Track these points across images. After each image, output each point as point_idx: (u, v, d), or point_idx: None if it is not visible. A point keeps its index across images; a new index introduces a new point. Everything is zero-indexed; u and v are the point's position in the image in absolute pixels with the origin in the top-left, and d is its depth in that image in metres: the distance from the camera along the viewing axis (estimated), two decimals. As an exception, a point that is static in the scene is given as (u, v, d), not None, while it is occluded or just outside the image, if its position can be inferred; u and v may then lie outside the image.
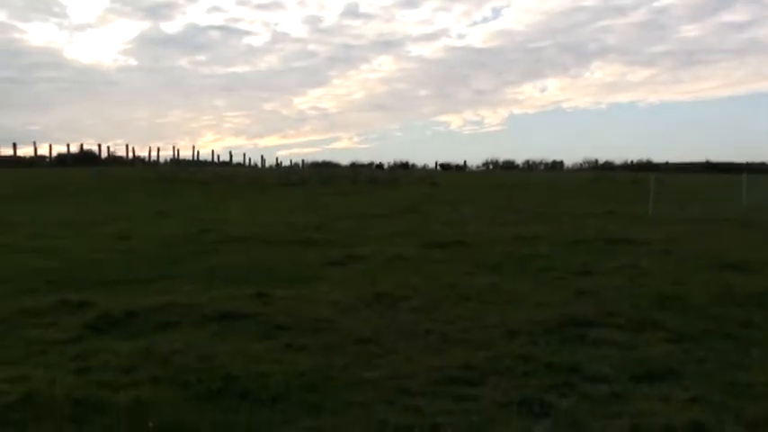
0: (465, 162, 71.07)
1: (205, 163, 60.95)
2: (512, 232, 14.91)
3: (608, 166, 71.08)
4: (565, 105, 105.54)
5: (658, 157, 79.21)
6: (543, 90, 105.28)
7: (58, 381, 5.11)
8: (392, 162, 69.44)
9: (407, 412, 4.72)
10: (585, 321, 6.88)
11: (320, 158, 70.38)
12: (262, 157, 73.67)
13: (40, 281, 9.65)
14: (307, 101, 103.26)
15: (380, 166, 69.04)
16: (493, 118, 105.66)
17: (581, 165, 74.22)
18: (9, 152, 46.46)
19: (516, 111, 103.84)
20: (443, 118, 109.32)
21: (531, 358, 5.72)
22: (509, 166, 75.77)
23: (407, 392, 5.11)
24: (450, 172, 64.21)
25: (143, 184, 33.28)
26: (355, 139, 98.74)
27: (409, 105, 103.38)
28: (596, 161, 74.52)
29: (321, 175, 41.08)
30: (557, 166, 76.26)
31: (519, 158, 76.65)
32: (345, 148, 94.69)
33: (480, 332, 6.71)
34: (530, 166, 76.94)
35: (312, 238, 14.60)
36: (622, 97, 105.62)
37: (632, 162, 71.13)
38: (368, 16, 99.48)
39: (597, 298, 8.09)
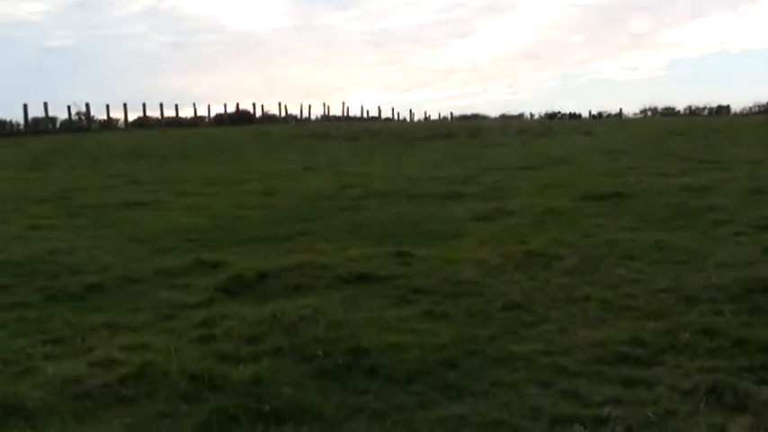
0: (621, 110, 67.29)
1: (354, 119, 61.37)
2: (678, 182, 13.47)
3: (781, 108, 65.32)
4: (731, 47, 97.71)
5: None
6: (707, 31, 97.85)
7: (177, 351, 4.72)
8: (543, 112, 67.04)
9: (565, 398, 3.95)
10: (781, 286, 5.76)
11: (469, 111, 69.14)
12: (410, 111, 73.28)
13: (182, 239, 9.52)
14: (455, 53, 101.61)
15: (531, 116, 66.92)
16: (651, 63, 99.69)
17: (750, 109, 68.74)
18: (172, 113, 48.52)
19: (677, 54, 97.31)
20: (597, 65, 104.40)
21: (717, 332, 4.73)
22: (669, 112, 71.33)
23: (564, 372, 4.33)
24: (605, 120, 61.11)
25: (294, 141, 33.67)
26: (505, 90, 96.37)
27: (561, 53, 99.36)
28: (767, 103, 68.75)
29: (470, 127, 40.04)
30: (722, 110, 71.01)
31: (680, 104, 71.83)
32: (495, 100, 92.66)
33: (649, 298, 5.76)
34: (692, 112, 72.06)
35: (458, 191, 13.85)
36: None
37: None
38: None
39: (792, 257, 6.86)
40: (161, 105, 46.74)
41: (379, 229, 9.93)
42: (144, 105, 45.86)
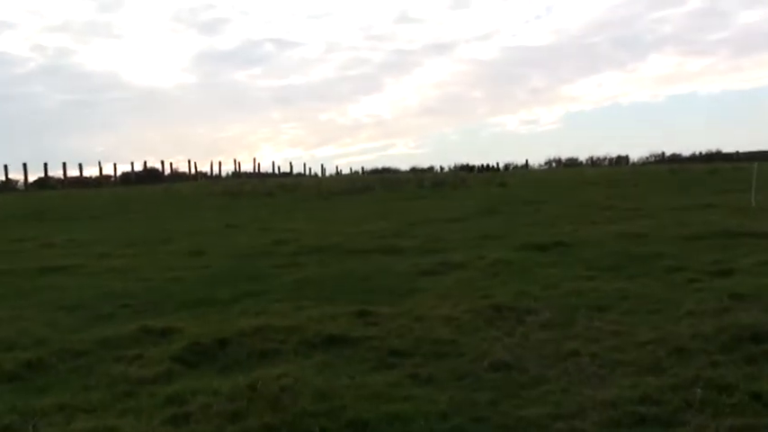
0: (527, 161, 69.24)
1: (266, 175, 60.82)
2: (613, 230, 13.65)
3: (676, 158, 68.61)
4: (622, 100, 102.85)
5: (726, 146, 76.40)
6: (600, 86, 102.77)
7: (153, 436, 4.20)
8: (452, 165, 68.12)
9: (597, 467, 3.66)
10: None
11: (378, 165, 69.65)
12: (322, 166, 73.31)
13: (117, 305, 8.86)
14: (362, 109, 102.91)
15: (441, 168, 67.85)
16: (549, 116, 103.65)
17: (647, 158, 71.93)
18: (76, 173, 46.79)
19: (572, 108, 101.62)
20: (498, 119, 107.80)
21: (730, 387, 4.57)
22: (572, 163, 73.85)
23: (586, 438, 4.05)
24: (514, 171, 62.64)
25: (207, 198, 32.89)
26: (411, 145, 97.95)
27: (464, 108, 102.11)
28: (663, 153, 72.25)
29: (384, 180, 40.18)
30: (621, 160, 74.03)
31: (581, 155, 74.64)
32: (402, 153, 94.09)
33: (639, 351, 5.59)
34: (593, 162, 74.84)
35: (395, 245, 13.60)
36: (681, 89, 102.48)
37: (701, 153, 68.69)
38: (419, 21, 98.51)
39: (763, 303, 6.85)
40: (63, 165, 45.23)
41: (328, 286, 9.53)
42: (45, 165, 44.15)
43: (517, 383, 5.02)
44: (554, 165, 73.88)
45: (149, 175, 49.53)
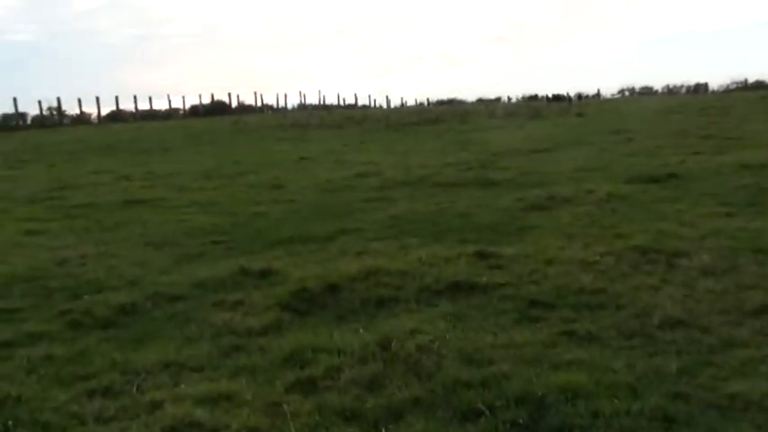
0: (599, 90, 66.54)
1: (331, 107, 59.91)
2: (727, 161, 12.43)
3: (762, 85, 65.02)
4: (697, 28, 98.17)
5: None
6: (672, 12, 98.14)
7: (274, 407, 3.49)
8: (520, 95, 66.01)
9: None
10: None
11: (443, 96, 68.07)
12: (387, 97, 72.01)
13: (205, 242, 8.25)
14: (425, 39, 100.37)
15: (509, 99, 65.80)
16: (619, 45, 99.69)
17: (728, 86, 68.42)
18: (146, 106, 46.69)
19: (643, 37, 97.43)
20: (566, 46, 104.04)
21: None
22: (647, 91, 70.91)
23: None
24: (586, 100, 60.28)
25: (276, 130, 32.29)
26: (476, 74, 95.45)
27: (529, 36, 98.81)
28: (746, 80, 68.56)
29: (453, 111, 38.97)
30: (700, 88, 70.68)
31: (656, 83, 71.61)
32: (467, 84, 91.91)
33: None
34: (670, 91, 71.69)
35: (488, 177, 12.69)
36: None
37: (790, 79, 64.88)
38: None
39: None
40: (134, 98, 45.01)
41: (427, 223, 8.74)
42: (117, 99, 44.00)
43: (703, 346, 4.15)
44: (627, 93, 71.15)
45: (217, 108, 49.12)
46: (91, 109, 42.54)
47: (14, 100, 39.33)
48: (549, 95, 63.72)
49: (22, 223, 9.69)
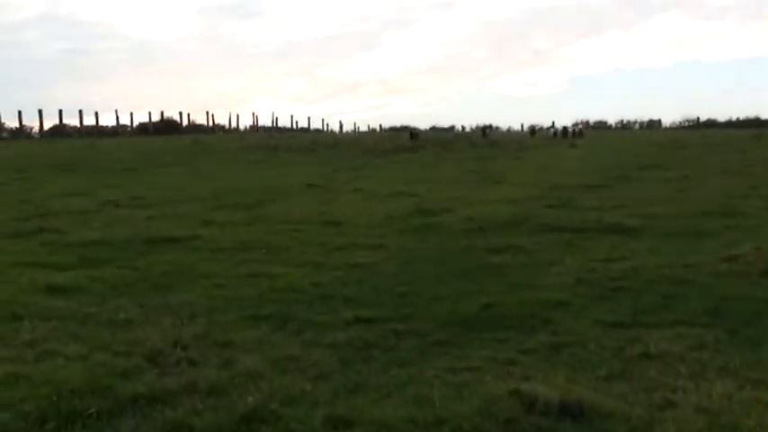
0: (553, 123, 65.00)
1: (284, 129, 57.24)
2: None
3: (711, 124, 65.29)
4: (625, 66, 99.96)
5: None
6: (604, 48, 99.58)
7: None
8: (474, 125, 64.18)
9: None
10: None
11: (380, 123, 66.19)
12: (340, 122, 69.61)
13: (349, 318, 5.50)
14: (361, 66, 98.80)
15: (462, 128, 64.10)
16: (551, 80, 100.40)
17: (680, 123, 68.62)
18: (92, 122, 42.93)
19: (576, 71, 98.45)
20: (500, 80, 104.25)
21: None
22: (600, 125, 70.64)
23: None
24: (542, 134, 58.88)
25: (245, 153, 29.43)
26: (413, 104, 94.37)
27: (466, 68, 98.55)
28: (698, 118, 69.06)
29: (437, 139, 36.86)
30: (654, 124, 70.76)
31: (610, 119, 72.00)
32: (403, 113, 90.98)
33: None
34: (623, 126, 71.56)
35: (625, 224, 9.90)
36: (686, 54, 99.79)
37: (738, 119, 65.54)
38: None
39: None
40: (80, 113, 41.38)
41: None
42: (60, 112, 40.39)
43: None
44: (580, 126, 71.01)
45: (167, 127, 45.86)
46: (32, 122, 38.77)
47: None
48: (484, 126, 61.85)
49: (31, 271, 6.67)
